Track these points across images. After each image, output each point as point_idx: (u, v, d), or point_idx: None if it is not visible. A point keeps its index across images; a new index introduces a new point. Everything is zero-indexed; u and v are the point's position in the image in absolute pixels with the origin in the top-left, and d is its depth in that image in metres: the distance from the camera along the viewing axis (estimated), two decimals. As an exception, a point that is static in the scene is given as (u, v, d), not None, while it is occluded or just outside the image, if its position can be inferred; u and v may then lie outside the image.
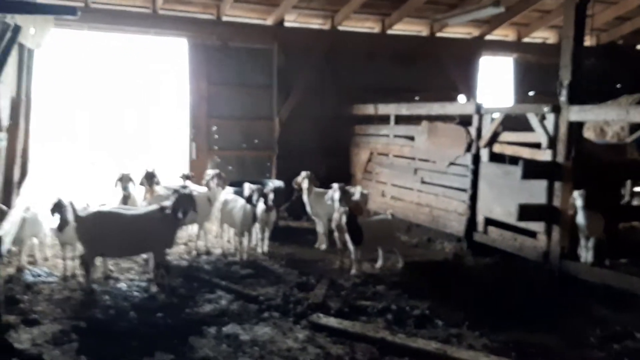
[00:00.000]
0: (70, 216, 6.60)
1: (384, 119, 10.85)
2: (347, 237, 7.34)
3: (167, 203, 6.65)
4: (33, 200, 7.58)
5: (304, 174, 8.85)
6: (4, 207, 6.61)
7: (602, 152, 8.27)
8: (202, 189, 8.65)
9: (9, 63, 5.57)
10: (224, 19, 11.21)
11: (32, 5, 6.14)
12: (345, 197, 7.68)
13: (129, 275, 7.19)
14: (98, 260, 6.84)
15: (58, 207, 6.67)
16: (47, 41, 8.82)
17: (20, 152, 7.93)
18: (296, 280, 7.06)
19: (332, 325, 5.57)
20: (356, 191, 8.64)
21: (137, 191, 8.35)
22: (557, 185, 7.28)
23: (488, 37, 13.56)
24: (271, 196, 7.86)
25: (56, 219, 6.73)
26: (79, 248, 7.18)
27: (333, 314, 5.88)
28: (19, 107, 7.69)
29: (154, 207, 6.72)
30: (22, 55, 7.63)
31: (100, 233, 6.41)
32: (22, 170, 8.10)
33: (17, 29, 5.38)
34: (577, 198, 6.78)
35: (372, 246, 7.64)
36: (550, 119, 7.37)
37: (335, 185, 7.81)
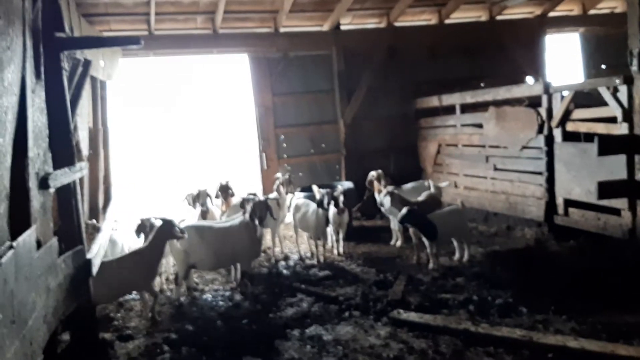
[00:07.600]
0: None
1: (449, 110, 10.69)
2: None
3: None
4: (115, 222, 7.95)
5: (374, 173, 8.85)
6: (97, 224, 6.97)
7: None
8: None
9: (84, 96, 5.91)
10: (282, 30, 11.42)
11: (99, 39, 6.53)
12: (396, 201, 7.66)
13: (213, 286, 7.44)
14: (191, 273, 7.08)
15: (143, 228, 6.95)
16: (117, 72, 9.31)
17: (102, 178, 8.39)
18: (374, 279, 7.10)
19: (413, 320, 5.56)
20: (430, 185, 8.59)
21: (215, 205, 8.62)
22: (637, 158, 6.96)
23: (551, 14, 13.09)
24: (342, 198, 7.92)
25: (141, 240, 7.01)
26: (165, 264, 7.51)
27: (413, 309, 5.87)
28: (97, 136, 8.16)
29: (240, 219, 6.90)
30: (95, 88, 8.11)
31: (192, 246, 6.69)
32: (106, 196, 8.57)
33: (87, 64, 5.71)
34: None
35: (447, 238, 7.56)
36: (623, 91, 7.06)
37: (383, 191, 7.73)
